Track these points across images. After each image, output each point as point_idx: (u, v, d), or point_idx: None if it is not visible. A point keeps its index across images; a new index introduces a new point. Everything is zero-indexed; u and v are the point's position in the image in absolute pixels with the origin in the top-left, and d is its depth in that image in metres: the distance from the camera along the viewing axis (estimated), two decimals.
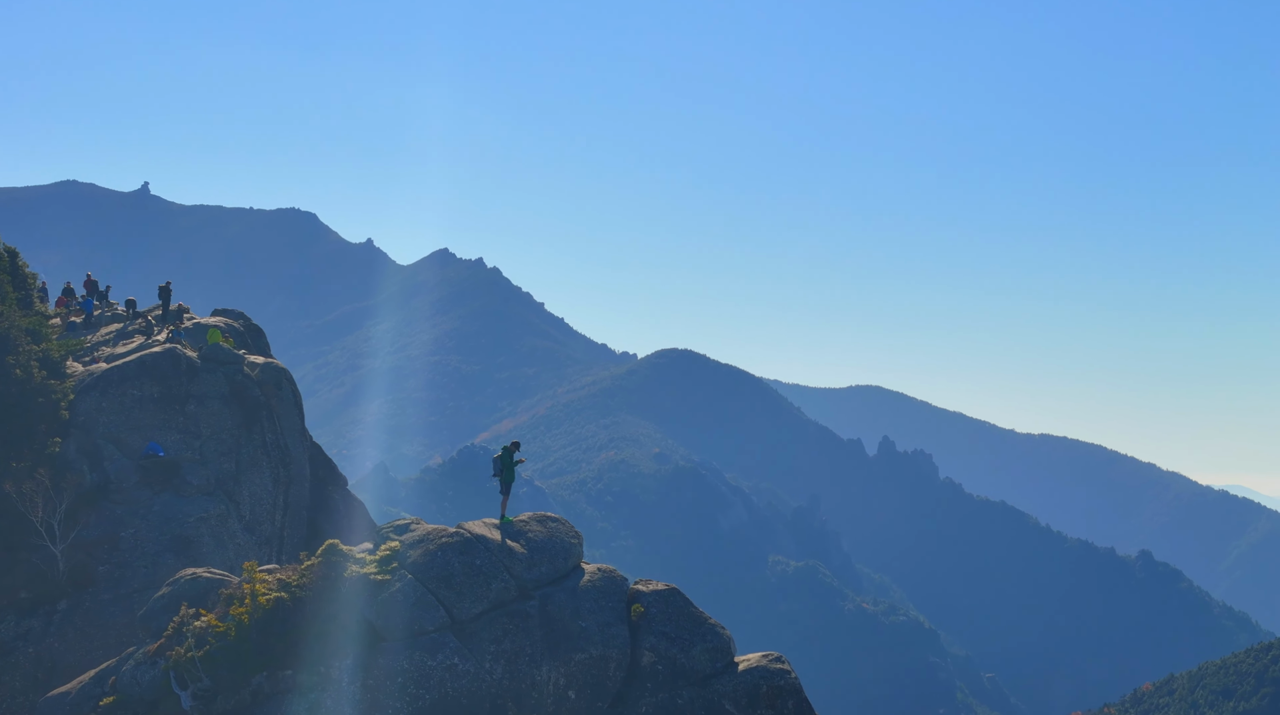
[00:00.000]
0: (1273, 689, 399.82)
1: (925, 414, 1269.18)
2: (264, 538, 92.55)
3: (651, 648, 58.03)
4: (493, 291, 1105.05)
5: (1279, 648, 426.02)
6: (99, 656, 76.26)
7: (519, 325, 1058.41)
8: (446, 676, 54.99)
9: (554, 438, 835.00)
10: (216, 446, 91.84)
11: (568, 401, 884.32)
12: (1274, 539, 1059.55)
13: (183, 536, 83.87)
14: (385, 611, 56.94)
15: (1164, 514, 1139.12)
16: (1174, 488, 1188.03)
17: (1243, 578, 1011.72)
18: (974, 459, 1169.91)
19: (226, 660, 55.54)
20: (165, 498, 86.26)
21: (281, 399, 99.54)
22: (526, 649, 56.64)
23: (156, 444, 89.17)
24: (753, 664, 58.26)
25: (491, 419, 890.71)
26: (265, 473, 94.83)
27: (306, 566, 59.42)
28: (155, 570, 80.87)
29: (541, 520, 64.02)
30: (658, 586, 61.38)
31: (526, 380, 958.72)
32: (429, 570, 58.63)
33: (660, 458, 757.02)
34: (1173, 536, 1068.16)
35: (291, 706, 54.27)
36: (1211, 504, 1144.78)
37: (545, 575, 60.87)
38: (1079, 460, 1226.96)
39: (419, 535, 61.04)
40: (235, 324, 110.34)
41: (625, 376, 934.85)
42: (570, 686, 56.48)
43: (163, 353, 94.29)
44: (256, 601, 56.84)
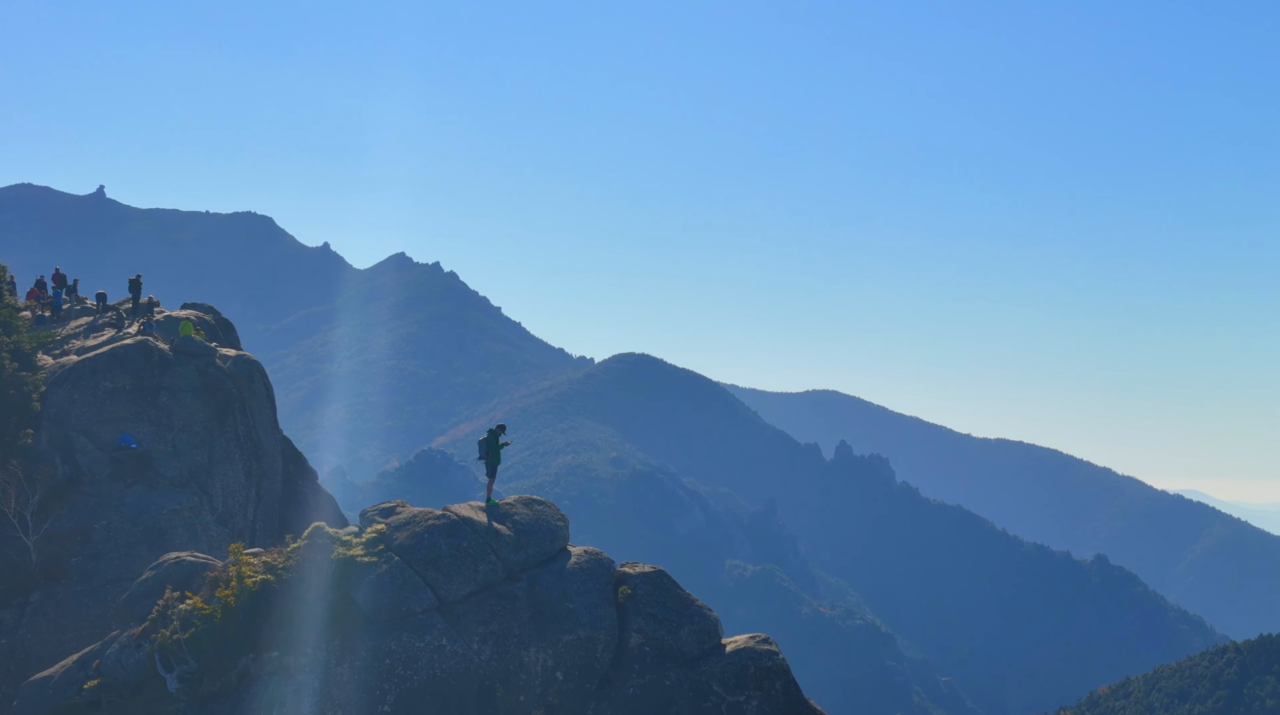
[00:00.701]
0: (1228, 692, 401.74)
1: (882, 418, 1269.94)
2: (236, 530, 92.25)
3: (639, 629, 58.14)
4: (450, 296, 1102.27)
5: (1234, 651, 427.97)
6: (72, 648, 75.93)
7: (476, 329, 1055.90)
8: (434, 657, 54.97)
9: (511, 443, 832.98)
10: (189, 439, 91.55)
11: (525, 406, 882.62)
12: (1228, 543, 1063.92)
13: (156, 528, 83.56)
14: (372, 593, 56.91)
15: (1120, 518, 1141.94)
16: (1130, 492, 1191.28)
17: (1197, 582, 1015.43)
18: (931, 463, 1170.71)
19: (212, 642, 55.43)
20: (138, 490, 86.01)
21: (254, 392, 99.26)
22: (515, 630, 56.63)
23: (129, 436, 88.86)
24: (740, 645, 58.37)
25: (449, 423, 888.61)
26: (238, 465, 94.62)
27: (292, 549, 59.33)
28: (128, 562, 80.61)
29: (527, 503, 64.04)
30: (644, 569, 61.46)
31: (484, 384, 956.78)
32: (416, 552, 58.59)
33: (617, 462, 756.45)
34: (1128, 541, 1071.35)
35: (278, 688, 54.19)
36: (1167, 508, 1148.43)
37: (532, 557, 60.89)
38: (1035, 465, 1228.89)
39: (405, 517, 61.00)
40: (206, 317, 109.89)
41: (583, 381, 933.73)
42: (558, 667, 56.51)
43: (135, 345, 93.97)
44: (243, 584, 56.73)
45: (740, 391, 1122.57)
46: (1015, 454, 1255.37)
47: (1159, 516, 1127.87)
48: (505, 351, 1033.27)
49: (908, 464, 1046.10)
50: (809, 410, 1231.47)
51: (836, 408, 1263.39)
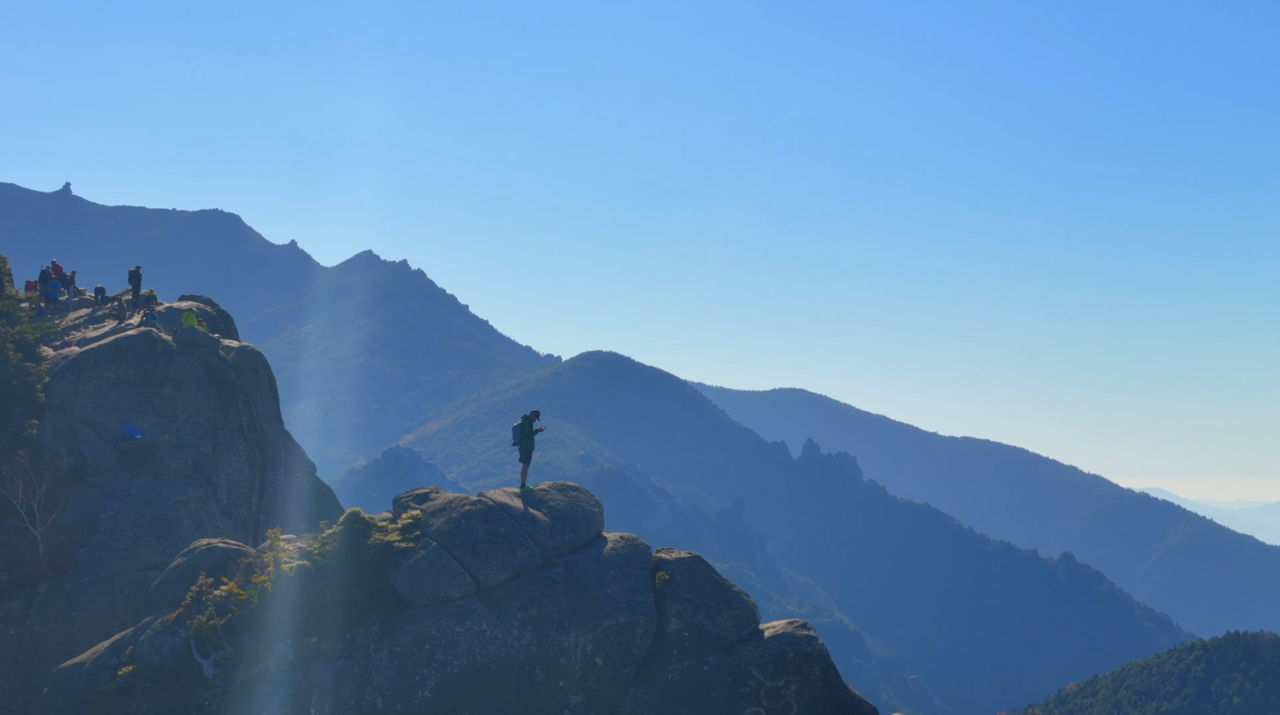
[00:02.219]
0: (1195, 689, 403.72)
1: (848, 417, 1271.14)
2: (240, 521, 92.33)
3: (677, 615, 58.15)
4: (417, 294, 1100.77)
5: (1201, 649, 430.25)
6: (80, 638, 76.01)
7: (443, 328, 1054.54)
8: (475, 643, 55.06)
9: (478, 440, 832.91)
10: (193, 430, 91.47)
11: (492, 404, 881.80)
12: (1193, 542, 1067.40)
13: (162, 519, 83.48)
14: (410, 579, 56.91)
15: (1086, 517, 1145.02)
16: (1096, 491, 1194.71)
17: (1163, 580, 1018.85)
18: (897, 462, 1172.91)
19: (249, 628, 55.46)
20: (143, 481, 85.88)
21: (257, 383, 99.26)
22: (554, 616, 56.66)
23: (133, 427, 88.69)
24: (778, 631, 58.38)
25: (416, 421, 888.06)
26: (242, 456, 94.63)
27: (328, 535, 59.28)
28: (135, 553, 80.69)
29: (562, 489, 64.12)
30: (681, 555, 61.49)
31: (451, 383, 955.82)
32: (453, 538, 58.61)
33: (585, 460, 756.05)
34: (1094, 539, 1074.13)
35: (318, 673, 54.17)
36: (1132, 507, 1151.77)
37: (568, 543, 61.00)
38: (1002, 463, 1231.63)
39: (440, 503, 61.01)
40: (206, 308, 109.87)
41: (550, 379, 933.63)
42: (598, 653, 56.57)
43: (138, 336, 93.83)
44: (279, 570, 56.69)
45: (707, 390, 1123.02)
46: (982, 452, 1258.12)
47: (1125, 515, 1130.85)
48: (472, 350, 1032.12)
49: (874, 462, 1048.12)
50: (776, 408, 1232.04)
51: (803, 406, 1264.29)
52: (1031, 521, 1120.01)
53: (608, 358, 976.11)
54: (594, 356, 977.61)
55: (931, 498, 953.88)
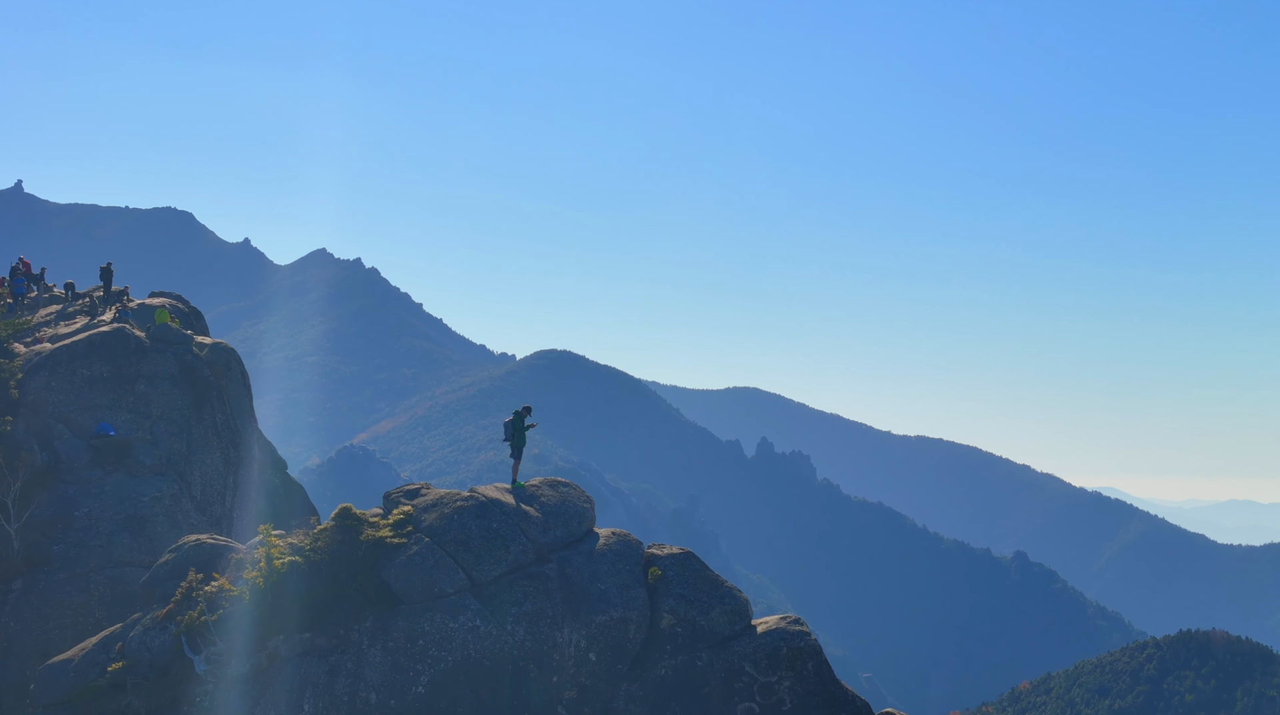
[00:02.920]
0: (1148, 687, 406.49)
1: (802, 416, 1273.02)
2: (214, 518, 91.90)
3: (670, 610, 58.25)
4: (371, 292, 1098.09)
5: (1154, 647, 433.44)
6: (56, 636, 75.70)
7: (397, 326, 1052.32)
8: (469, 639, 55.08)
9: (433, 439, 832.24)
10: (167, 427, 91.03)
11: (446, 402, 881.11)
12: (1145, 540, 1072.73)
13: (137, 516, 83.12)
14: (404, 575, 56.93)
15: (1039, 515, 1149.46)
16: (1048, 490, 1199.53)
17: (1115, 578, 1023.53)
18: (851, 460, 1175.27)
19: (241, 624, 55.32)
20: (117, 477, 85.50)
21: (231, 380, 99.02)
22: (548, 611, 56.73)
23: (107, 424, 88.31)
24: (771, 626, 58.55)
25: (370, 420, 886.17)
26: (216, 453, 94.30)
27: (319, 531, 59.27)
28: (111, 550, 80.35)
29: (553, 485, 64.27)
30: (673, 550, 61.62)
31: (405, 381, 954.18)
32: (446, 533, 58.65)
33: (539, 459, 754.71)
34: (1047, 537, 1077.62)
35: (311, 669, 54.12)
36: (1085, 506, 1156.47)
37: (560, 539, 61.08)
38: (955, 462, 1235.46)
39: (432, 499, 61.06)
40: (178, 305, 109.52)
41: (504, 377, 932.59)
42: (591, 648, 56.66)
43: (111, 332, 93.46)
44: (271, 565, 56.60)
45: (662, 388, 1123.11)
46: (935, 451, 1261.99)
47: (1077, 514, 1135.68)
48: (427, 348, 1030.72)
49: (828, 461, 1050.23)
50: (730, 407, 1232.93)
51: (758, 405, 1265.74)
52: (985, 520, 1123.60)
53: (562, 356, 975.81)
54: (548, 355, 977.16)
55: (885, 496, 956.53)
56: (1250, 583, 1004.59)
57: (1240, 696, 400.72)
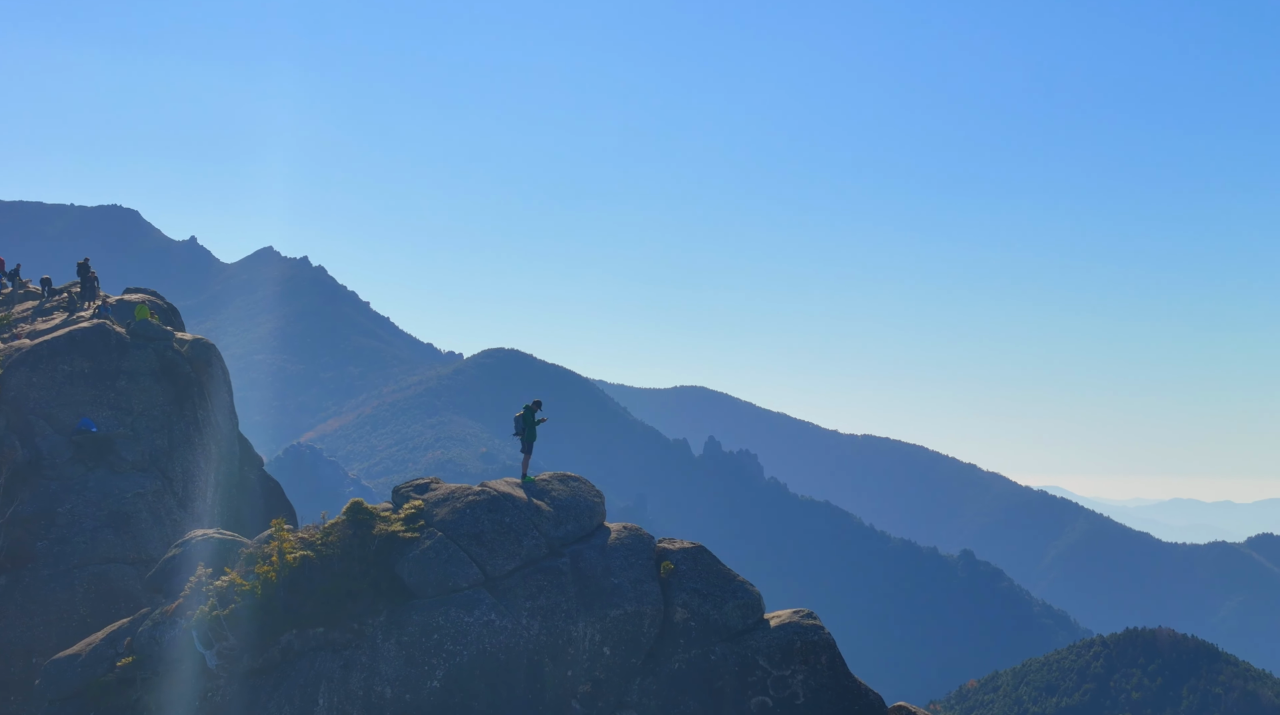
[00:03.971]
0: (1095, 685, 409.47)
1: (749, 414, 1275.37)
2: (196, 515, 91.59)
3: (684, 604, 58.38)
4: (318, 290, 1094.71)
5: (1100, 645, 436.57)
6: (40, 633, 75.52)
7: (344, 324, 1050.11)
8: (484, 633, 54.99)
9: (380, 437, 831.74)
10: (148, 423, 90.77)
11: (394, 401, 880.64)
12: (1090, 539, 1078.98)
13: (121, 512, 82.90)
14: (417, 569, 56.82)
15: (985, 514, 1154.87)
16: (995, 488, 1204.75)
17: (1060, 577, 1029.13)
18: (798, 459, 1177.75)
19: (253, 618, 55.11)
20: (100, 474, 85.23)
21: (212, 376, 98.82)
22: (562, 605, 56.76)
23: (89, 420, 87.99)
24: (784, 620, 58.79)
25: (317, 418, 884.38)
26: (197, 450, 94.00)
27: (330, 525, 59.14)
28: (94, 546, 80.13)
29: (563, 479, 64.18)
30: (684, 544, 61.77)
31: (352, 380, 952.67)
32: (459, 527, 58.59)
33: (487, 457, 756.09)
34: (993, 536, 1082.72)
35: (325, 663, 53.99)
36: (1030, 504, 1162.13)
37: (572, 533, 61.08)
38: (902, 461, 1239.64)
39: (443, 493, 60.99)
40: (156, 301, 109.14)
41: (451, 376, 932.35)
42: (605, 642, 56.70)
43: (92, 328, 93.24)
44: (284, 559, 56.49)
45: (609, 387, 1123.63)
46: (882, 450, 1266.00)
47: (1023, 512, 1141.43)
48: (374, 346, 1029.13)
49: (775, 460, 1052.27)
50: (677, 406, 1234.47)
51: (704, 404, 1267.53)
52: (931, 519, 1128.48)
53: (510, 355, 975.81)
54: (496, 354, 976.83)
55: (832, 495, 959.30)
56: (1194, 581, 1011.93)
57: (1186, 694, 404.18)
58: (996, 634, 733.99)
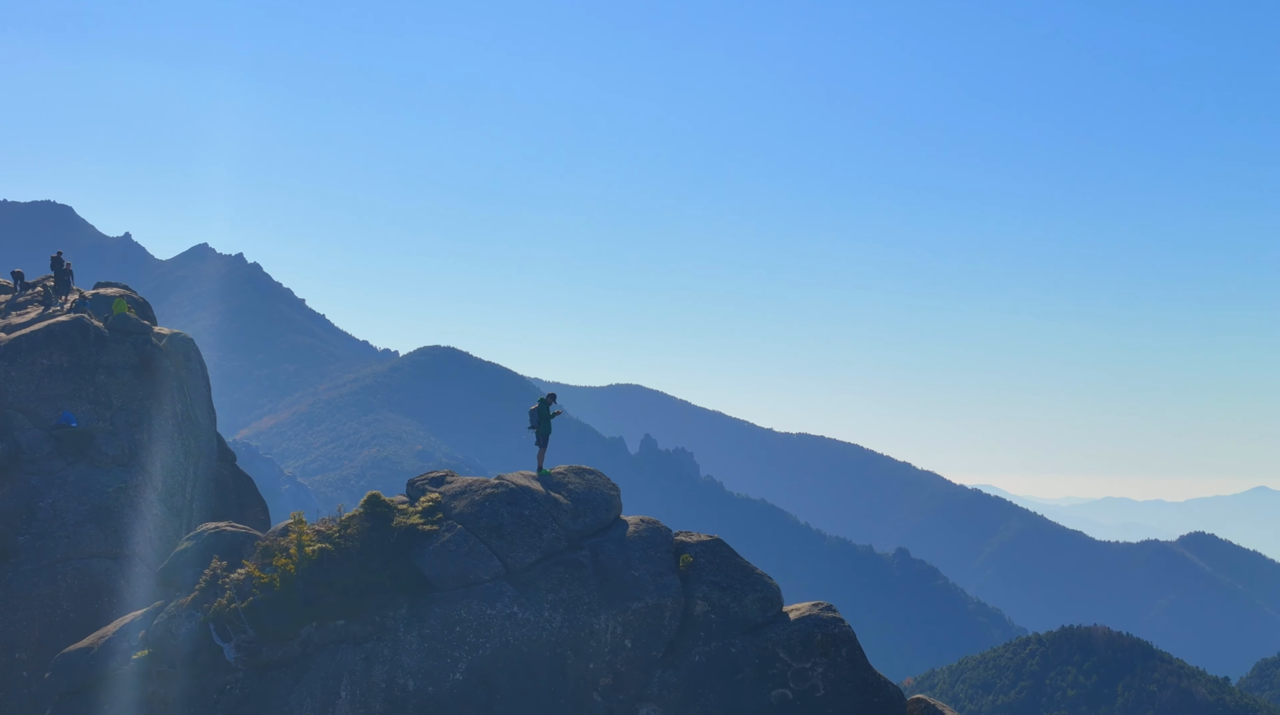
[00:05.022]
0: (1031, 683, 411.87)
1: (685, 413, 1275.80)
2: (175, 509, 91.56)
3: (704, 597, 58.48)
4: (253, 287, 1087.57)
5: (1036, 643, 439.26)
6: (23, 627, 75.38)
7: (280, 322, 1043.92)
8: (507, 625, 55.11)
9: (315, 435, 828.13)
10: (127, 417, 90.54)
11: (329, 398, 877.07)
12: (1024, 537, 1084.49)
13: (102, 507, 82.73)
14: (438, 562, 56.87)
15: (920, 513, 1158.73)
16: (929, 487, 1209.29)
17: (995, 575, 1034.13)
18: (734, 457, 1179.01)
19: (272, 611, 55.03)
20: (80, 468, 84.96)
21: (190, 370, 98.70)
22: (584, 598, 56.84)
23: (70, 414, 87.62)
24: (804, 613, 58.88)
25: (252, 416, 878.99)
26: (176, 444, 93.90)
27: (347, 518, 59.12)
28: (77, 541, 79.99)
29: (579, 472, 64.35)
30: (702, 537, 61.94)
31: (287, 377, 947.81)
32: (478, 520, 58.68)
33: (423, 455, 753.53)
34: (928, 535, 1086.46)
35: (346, 656, 54.00)
36: (965, 503, 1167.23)
37: (589, 526, 61.18)
38: (837, 460, 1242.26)
39: (459, 486, 61.02)
40: (131, 295, 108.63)
41: (387, 374, 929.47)
42: (627, 635, 56.78)
43: (71, 322, 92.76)
44: (303, 552, 56.42)
45: (544, 385, 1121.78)
46: (817, 449, 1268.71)
47: (958, 511, 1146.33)
48: (309, 344, 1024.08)
49: (711, 458, 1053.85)
50: (613, 404, 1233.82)
51: (640, 402, 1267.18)
52: (867, 517, 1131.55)
53: (446, 352, 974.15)
54: (432, 351, 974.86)
55: (768, 493, 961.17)
56: (1128, 579, 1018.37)
57: (1121, 691, 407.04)
58: (932, 632, 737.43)
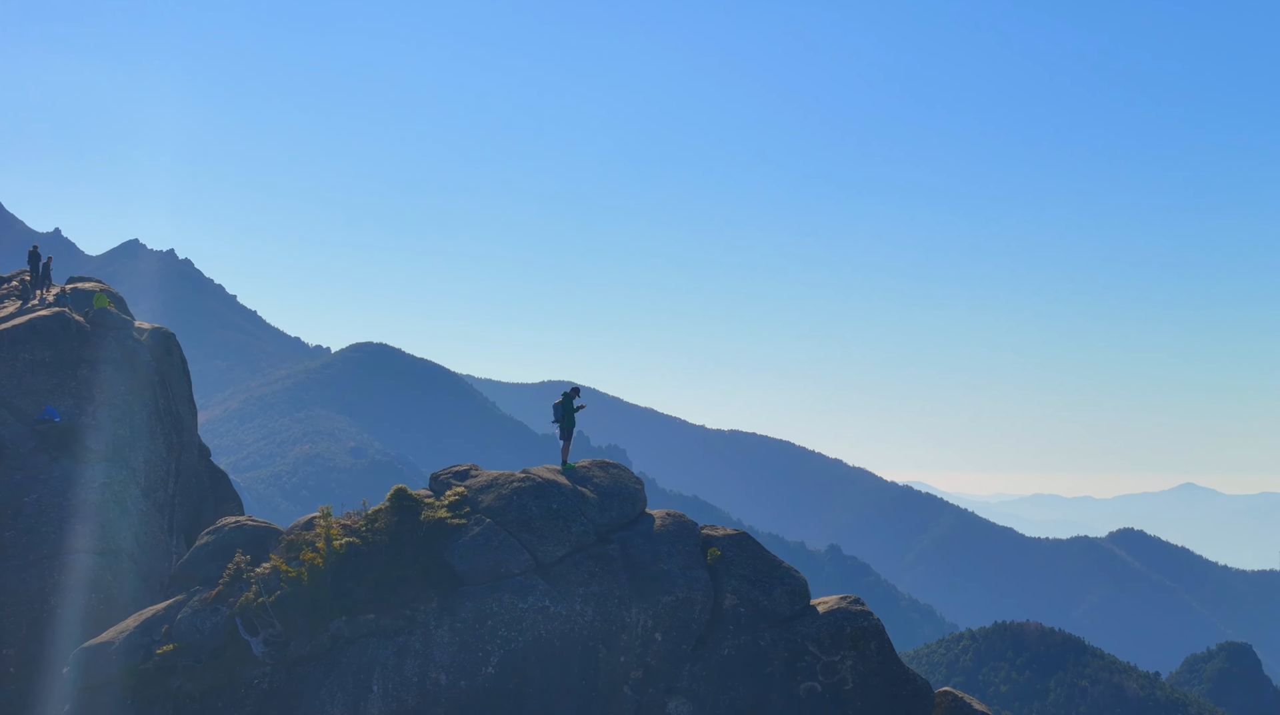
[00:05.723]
0: (963, 678, 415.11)
1: (618, 409, 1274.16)
2: (158, 504, 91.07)
3: (733, 590, 58.60)
4: (184, 283, 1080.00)
5: (969, 639, 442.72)
6: (10, 624, 74.97)
7: (211, 318, 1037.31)
8: (539, 619, 55.17)
9: (247, 431, 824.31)
10: (110, 412, 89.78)
11: (261, 394, 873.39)
12: (955, 534, 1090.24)
13: (88, 502, 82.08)
14: (468, 555, 56.86)
15: (851, 509, 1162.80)
16: (861, 484, 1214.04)
17: (927, 572, 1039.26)
18: (666, 454, 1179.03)
19: (300, 605, 54.85)
20: (64, 463, 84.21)
21: (172, 365, 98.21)
22: (615, 592, 56.97)
23: (53, 408, 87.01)
24: (832, 606, 59.14)
25: None
26: (159, 439, 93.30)
27: (374, 512, 59.05)
28: (63, 536, 79.28)
29: (603, 466, 64.50)
30: (728, 531, 62.14)
31: (219, 373, 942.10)
32: (506, 514, 58.75)
33: (356, 452, 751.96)
34: (860, 531, 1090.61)
35: (378, 650, 53.89)
36: (896, 500, 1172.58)
37: (616, 520, 61.36)
38: (769, 456, 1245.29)
39: (485, 480, 61.08)
40: (109, 289, 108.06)
41: (320, 370, 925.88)
42: (658, 629, 56.92)
43: (52, 317, 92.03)
44: (330, 546, 56.29)
45: (477, 382, 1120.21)
46: (749, 445, 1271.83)
47: (889, 507, 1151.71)
48: (241, 340, 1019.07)
49: (644, 454, 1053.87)
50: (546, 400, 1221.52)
51: None
52: (798, 513, 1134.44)
53: (379, 349, 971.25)
54: (365, 348, 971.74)
55: (700, 490, 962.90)
56: (1059, 575, 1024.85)
57: (1054, 686, 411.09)
58: None
